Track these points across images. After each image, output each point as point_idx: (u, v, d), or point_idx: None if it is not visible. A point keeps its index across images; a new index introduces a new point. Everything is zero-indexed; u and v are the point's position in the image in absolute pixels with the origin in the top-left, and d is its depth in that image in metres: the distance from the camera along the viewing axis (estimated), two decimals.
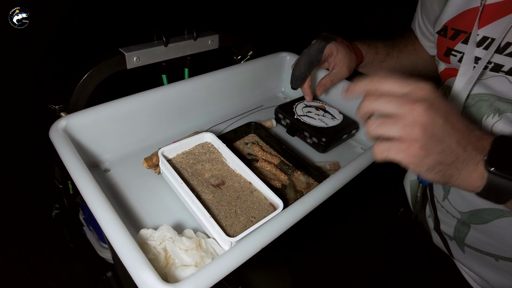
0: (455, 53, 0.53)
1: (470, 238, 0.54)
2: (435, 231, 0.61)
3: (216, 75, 0.74)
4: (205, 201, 0.52)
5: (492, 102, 0.49)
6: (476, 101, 0.51)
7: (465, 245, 0.56)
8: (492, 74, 0.48)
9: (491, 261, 0.53)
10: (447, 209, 0.56)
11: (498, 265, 0.53)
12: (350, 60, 0.69)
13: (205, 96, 0.73)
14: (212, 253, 0.46)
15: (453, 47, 0.53)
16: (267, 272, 1.41)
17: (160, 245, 0.46)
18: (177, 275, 0.43)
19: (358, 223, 1.86)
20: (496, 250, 0.52)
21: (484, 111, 0.50)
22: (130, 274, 0.37)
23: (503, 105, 0.48)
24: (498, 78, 0.48)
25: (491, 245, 0.52)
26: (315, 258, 1.67)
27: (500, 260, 0.52)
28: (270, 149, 0.69)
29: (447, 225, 0.58)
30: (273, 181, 0.61)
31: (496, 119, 0.48)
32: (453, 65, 0.55)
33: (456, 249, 0.58)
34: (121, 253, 0.38)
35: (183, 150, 0.59)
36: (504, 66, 0.46)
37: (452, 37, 0.53)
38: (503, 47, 0.46)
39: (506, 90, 0.47)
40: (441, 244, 0.62)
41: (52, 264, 1.48)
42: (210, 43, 0.77)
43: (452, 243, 0.58)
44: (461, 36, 0.51)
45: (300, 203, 0.48)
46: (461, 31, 0.51)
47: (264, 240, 0.43)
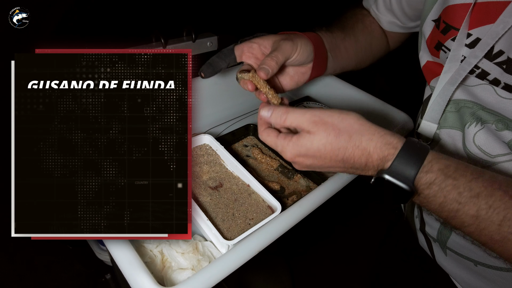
0: (445, 49, 0.49)
1: (451, 242, 0.54)
2: (421, 232, 0.61)
3: (215, 77, 0.73)
4: (203, 204, 0.52)
5: (475, 111, 0.47)
6: (460, 107, 0.49)
7: (447, 248, 0.56)
8: (478, 82, 0.46)
9: (470, 266, 0.53)
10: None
11: (476, 270, 0.53)
12: (278, 38, 0.54)
13: (204, 97, 0.73)
14: (209, 256, 0.46)
15: (444, 42, 0.49)
16: (266, 275, 1.41)
17: (156, 248, 0.46)
18: (173, 279, 0.43)
19: (358, 225, 1.86)
20: (475, 256, 0.52)
21: (467, 119, 0.48)
22: (125, 277, 0.37)
23: (485, 115, 0.46)
24: (484, 87, 0.46)
25: (471, 250, 0.52)
26: (315, 261, 1.67)
27: (479, 265, 0.52)
28: (269, 152, 0.68)
29: (431, 227, 0.57)
30: (271, 183, 0.60)
31: (479, 128, 0.47)
32: (441, 61, 0.52)
33: (439, 251, 0.58)
34: (116, 256, 0.38)
35: None
36: (490, 74, 0.43)
37: (443, 31, 0.49)
38: (494, 55, 0.42)
39: (490, 101, 0.45)
40: (426, 246, 0.62)
41: (51, 265, 1.48)
42: (209, 44, 0.77)
43: (436, 245, 0.58)
44: (451, 32, 0.48)
45: (299, 206, 0.48)
46: (452, 27, 0.47)
47: (262, 243, 0.43)
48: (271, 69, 0.49)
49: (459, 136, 0.50)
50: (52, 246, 1.51)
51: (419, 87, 0.63)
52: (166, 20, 1.01)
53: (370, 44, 0.70)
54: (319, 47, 0.58)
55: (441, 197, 0.36)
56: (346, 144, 0.38)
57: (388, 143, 0.38)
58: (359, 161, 0.39)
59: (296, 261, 1.63)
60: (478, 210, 0.35)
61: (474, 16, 0.44)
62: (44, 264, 1.49)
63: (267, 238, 0.44)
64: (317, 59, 0.57)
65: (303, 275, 1.60)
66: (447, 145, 0.52)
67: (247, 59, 0.56)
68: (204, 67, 0.55)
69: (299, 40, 0.54)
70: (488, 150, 0.46)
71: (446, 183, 0.36)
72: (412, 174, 0.36)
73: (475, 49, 0.43)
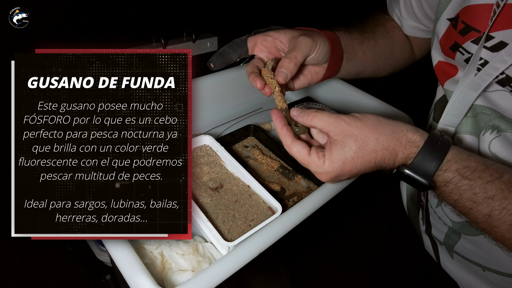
0: (463, 51, 0.47)
1: (459, 247, 0.54)
2: (426, 234, 0.61)
3: (215, 77, 0.74)
4: (203, 205, 0.51)
5: (492, 118, 0.45)
6: (477, 113, 0.47)
7: (454, 252, 0.55)
8: (497, 88, 0.44)
9: (478, 271, 0.53)
10: (439, 215, 0.56)
11: (484, 275, 0.52)
12: (297, 33, 0.51)
13: (204, 98, 0.73)
14: (210, 258, 0.46)
15: (462, 44, 0.46)
16: (267, 276, 1.41)
17: (156, 249, 0.45)
18: (173, 280, 0.43)
19: (358, 226, 1.85)
20: (483, 261, 0.51)
21: (483, 126, 0.46)
22: (125, 278, 0.37)
23: (503, 123, 0.44)
24: (502, 94, 0.43)
25: (479, 256, 0.51)
26: (315, 262, 1.66)
27: (487, 271, 0.51)
28: (270, 153, 0.68)
29: (438, 230, 0.57)
30: (272, 184, 0.60)
31: (494, 136, 0.45)
32: (456, 63, 0.49)
33: (445, 254, 0.57)
34: (116, 257, 0.38)
35: None
36: None
37: (461, 32, 0.46)
38: None
39: (509, 109, 0.43)
40: (431, 249, 0.61)
41: (51, 266, 1.48)
42: (209, 45, 0.77)
43: (442, 248, 0.58)
44: (472, 33, 0.45)
45: (299, 207, 0.48)
46: (473, 28, 0.44)
47: (262, 244, 0.43)
48: (290, 73, 0.46)
49: (475, 142, 0.48)
50: (52, 246, 1.51)
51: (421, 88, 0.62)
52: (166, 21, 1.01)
53: (391, 50, 0.67)
54: (335, 47, 0.55)
55: (456, 194, 0.37)
56: (375, 147, 0.39)
57: (411, 141, 0.39)
58: (388, 162, 0.40)
59: (296, 262, 1.63)
60: (491, 211, 0.36)
61: (500, 17, 0.41)
62: (44, 264, 1.48)
63: (267, 239, 0.43)
64: (333, 60, 0.55)
65: (303, 276, 1.59)
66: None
67: (259, 52, 0.53)
68: (214, 58, 0.51)
69: (318, 38, 0.50)
70: (504, 158, 0.45)
71: (463, 182, 0.37)
72: (431, 171, 0.38)
73: (502, 54, 0.41)
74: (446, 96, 0.52)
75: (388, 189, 1.05)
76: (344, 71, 0.60)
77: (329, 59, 0.53)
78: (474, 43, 0.45)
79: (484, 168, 0.37)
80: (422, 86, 0.60)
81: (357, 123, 0.40)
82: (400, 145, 0.39)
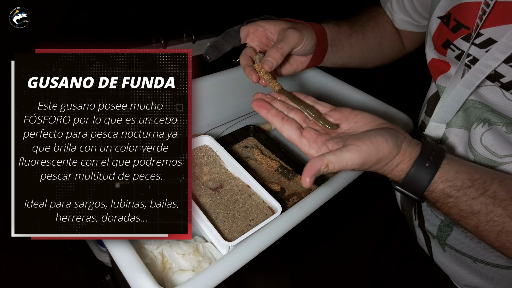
0: (454, 48, 0.48)
1: (451, 239, 0.54)
2: (419, 228, 0.61)
3: (215, 77, 0.74)
4: (203, 205, 0.51)
5: (483, 112, 0.46)
6: (467, 107, 0.48)
7: (446, 245, 0.56)
8: (486, 83, 0.45)
9: (469, 263, 0.54)
10: (432, 208, 0.56)
11: (475, 267, 0.53)
12: (286, 26, 0.54)
13: (204, 98, 0.73)
14: (210, 258, 0.46)
15: (453, 40, 0.48)
16: (266, 276, 1.41)
17: (157, 249, 0.45)
18: (174, 280, 0.43)
19: (356, 225, 1.85)
20: (474, 253, 0.52)
21: (474, 119, 0.47)
22: (126, 279, 0.37)
23: (494, 117, 0.45)
24: (491, 88, 0.45)
25: (471, 248, 0.52)
26: (315, 262, 1.66)
27: (478, 262, 0.52)
28: (270, 153, 0.68)
29: (431, 224, 0.57)
30: (272, 184, 0.60)
31: (486, 129, 0.46)
32: (448, 59, 0.51)
33: (437, 248, 0.58)
34: (117, 257, 0.38)
35: None
36: (504, 77, 0.42)
37: (453, 29, 0.47)
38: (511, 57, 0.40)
39: (499, 103, 0.44)
40: (424, 243, 0.62)
41: (51, 267, 1.48)
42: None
43: (434, 242, 0.58)
44: (462, 31, 0.46)
45: (299, 207, 0.48)
46: (463, 25, 0.46)
47: (262, 244, 0.43)
48: (276, 62, 0.49)
49: (466, 135, 0.49)
50: (52, 247, 1.51)
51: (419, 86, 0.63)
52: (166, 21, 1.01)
53: (379, 44, 0.69)
54: (321, 41, 0.58)
55: (444, 209, 0.40)
56: (369, 168, 0.42)
57: (401, 170, 0.41)
58: (389, 175, 0.43)
59: (296, 262, 1.63)
60: (478, 223, 0.38)
61: (490, 15, 0.42)
62: (44, 265, 1.48)
63: (267, 239, 0.43)
64: (317, 52, 0.58)
65: (303, 276, 1.59)
66: (453, 145, 0.51)
67: (251, 41, 0.56)
68: (209, 50, 0.54)
69: (306, 31, 0.54)
70: (496, 151, 0.46)
71: (449, 200, 0.39)
72: (420, 190, 0.40)
73: (493, 51, 0.41)
74: (439, 92, 0.53)
75: (385, 187, 1.04)
76: (329, 62, 0.65)
77: (314, 51, 0.57)
78: (465, 40, 0.46)
79: (470, 184, 0.39)
80: (420, 84, 0.60)
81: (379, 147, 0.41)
82: (391, 172, 0.42)
